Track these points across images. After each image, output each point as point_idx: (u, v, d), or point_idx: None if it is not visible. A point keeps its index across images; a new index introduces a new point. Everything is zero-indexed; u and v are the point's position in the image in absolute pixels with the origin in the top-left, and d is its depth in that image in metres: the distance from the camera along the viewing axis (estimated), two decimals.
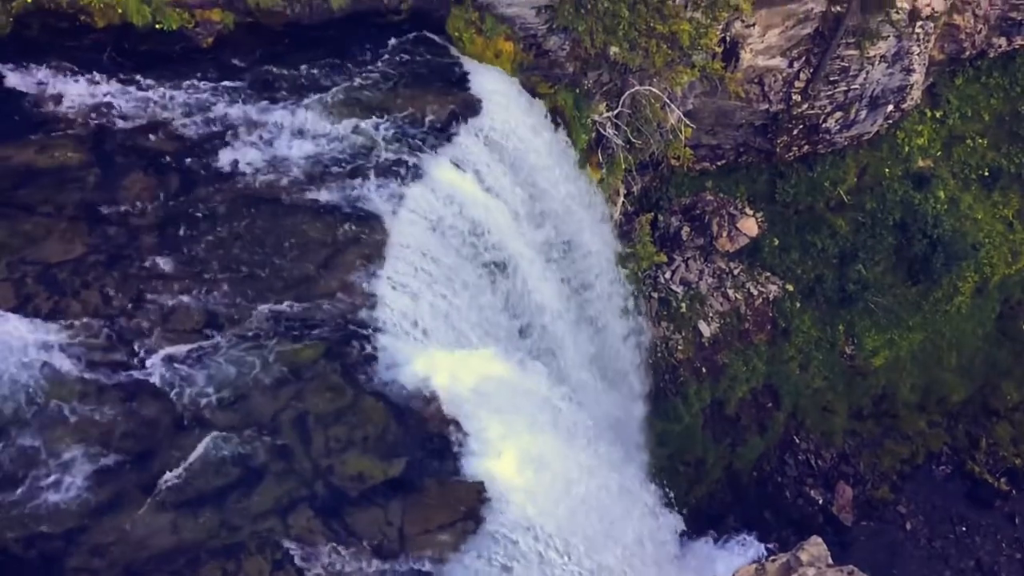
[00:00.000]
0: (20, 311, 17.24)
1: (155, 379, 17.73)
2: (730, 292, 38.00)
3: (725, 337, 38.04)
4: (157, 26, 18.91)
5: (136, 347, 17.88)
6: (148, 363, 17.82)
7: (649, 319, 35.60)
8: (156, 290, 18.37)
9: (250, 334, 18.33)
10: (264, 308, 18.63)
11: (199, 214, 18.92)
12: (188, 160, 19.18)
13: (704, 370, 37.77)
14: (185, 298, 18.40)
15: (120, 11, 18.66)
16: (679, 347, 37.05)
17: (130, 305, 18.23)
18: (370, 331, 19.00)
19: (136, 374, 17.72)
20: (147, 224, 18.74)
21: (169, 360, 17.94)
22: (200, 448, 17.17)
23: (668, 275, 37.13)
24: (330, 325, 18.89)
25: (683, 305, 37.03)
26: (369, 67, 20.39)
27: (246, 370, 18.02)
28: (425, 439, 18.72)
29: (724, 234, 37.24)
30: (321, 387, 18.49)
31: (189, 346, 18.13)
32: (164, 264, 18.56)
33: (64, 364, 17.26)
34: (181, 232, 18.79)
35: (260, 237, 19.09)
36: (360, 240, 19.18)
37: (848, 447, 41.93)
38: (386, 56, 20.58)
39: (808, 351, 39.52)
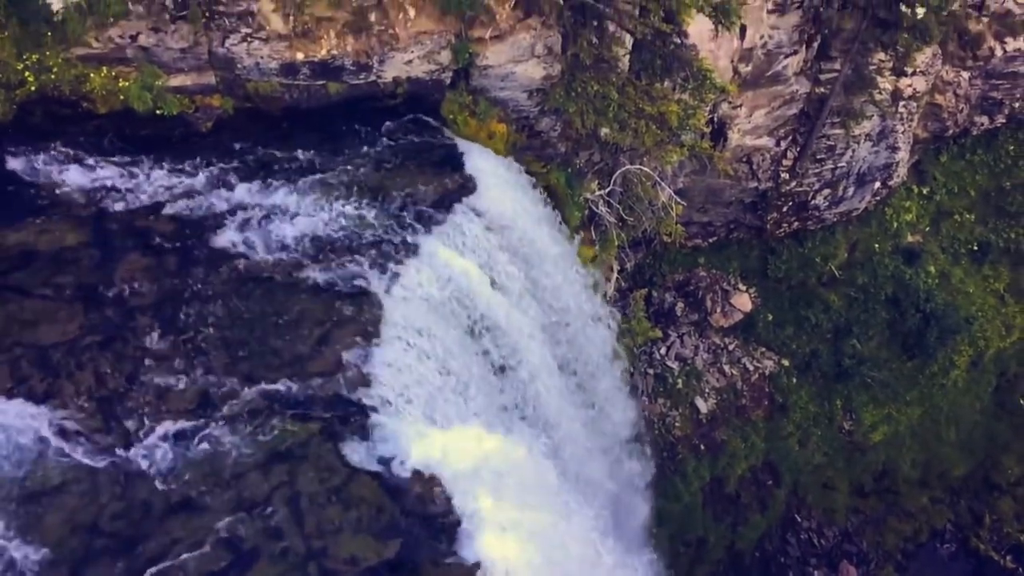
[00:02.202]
0: (14, 394, 17.15)
1: (147, 460, 17.54)
2: (726, 368, 37.97)
3: (723, 413, 37.85)
4: (158, 111, 19.29)
5: (129, 428, 17.74)
6: (141, 444, 17.66)
7: (646, 396, 35.47)
8: (150, 370, 18.32)
9: (244, 413, 18.23)
10: (258, 387, 18.56)
11: (195, 294, 19.01)
12: (186, 241, 19.36)
13: (703, 447, 37.46)
14: (179, 378, 18.34)
15: (122, 97, 19.09)
16: (677, 424, 36.83)
17: (124, 386, 18.16)
18: (364, 409, 18.91)
19: (128, 455, 17.54)
20: (143, 304, 18.80)
21: (162, 441, 17.78)
22: (192, 532, 16.88)
23: (663, 351, 37.17)
24: (324, 403, 18.80)
25: (679, 381, 36.96)
26: (365, 149, 20.80)
27: (239, 450, 17.85)
28: (420, 519, 18.46)
29: (718, 310, 37.43)
30: (314, 466, 18.30)
31: (182, 426, 17.99)
32: (159, 344, 18.55)
33: (56, 446, 17.09)
34: (177, 312, 18.83)
35: (255, 316, 19.14)
36: (355, 318, 19.24)
37: (851, 525, 41.33)
38: (382, 138, 21.02)
39: (807, 427, 39.31)
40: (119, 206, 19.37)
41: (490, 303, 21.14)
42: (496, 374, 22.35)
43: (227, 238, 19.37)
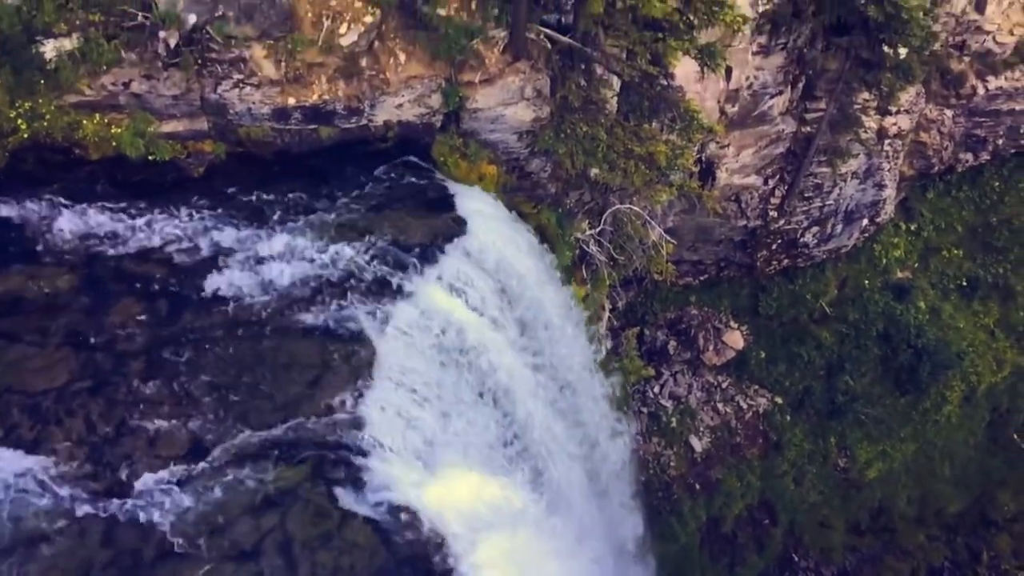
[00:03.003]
0: (3, 442, 17.00)
1: (138, 508, 17.39)
2: (720, 406, 37.91)
3: (717, 452, 37.71)
4: (150, 157, 19.36)
5: (119, 475, 17.59)
6: (131, 491, 17.52)
7: (640, 435, 35.33)
8: (141, 416, 18.22)
9: (235, 458, 18.10)
10: (249, 431, 18.46)
11: (187, 338, 18.96)
12: (178, 285, 19.35)
13: (698, 487, 37.25)
14: (170, 423, 18.24)
15: (114, 144, 19.17)
16: (671, 463, 36.65)
17: (114, 432, 18.05)
18: (356, 453, 18.79)
19: (119, 503, 17.38)
20: (134, 349, 18.74)
21: (153, 488, 17.63)
22: None
23: (657, 389, 37.11)
24: (316, 447, 18.69)
25: (673, 420, 36.86)
26: (357, 192, 20.92)
27: (230, 495, 17.70)
28: (414, 563, 18.24)
29: (710, 347, 37.47)
30: (306, 511, 18.14)
31: (173, 472, 17.85)
32: (150, 389, 18.47)
33: (45, 494, 16.91)
34: (168, 357, 18.77)
35: (247, 360, 19.09)
36: (347, 360, 19.20)
37: (848, 564, 41.00)
38: (373, 181, 21.15)
39: (801, 465, 39.15)
40: (111, 251, 19.38)
41: (483, 343, 21.12)
42: (491, 415, 22.26)
43: (219, 282, 19.36)
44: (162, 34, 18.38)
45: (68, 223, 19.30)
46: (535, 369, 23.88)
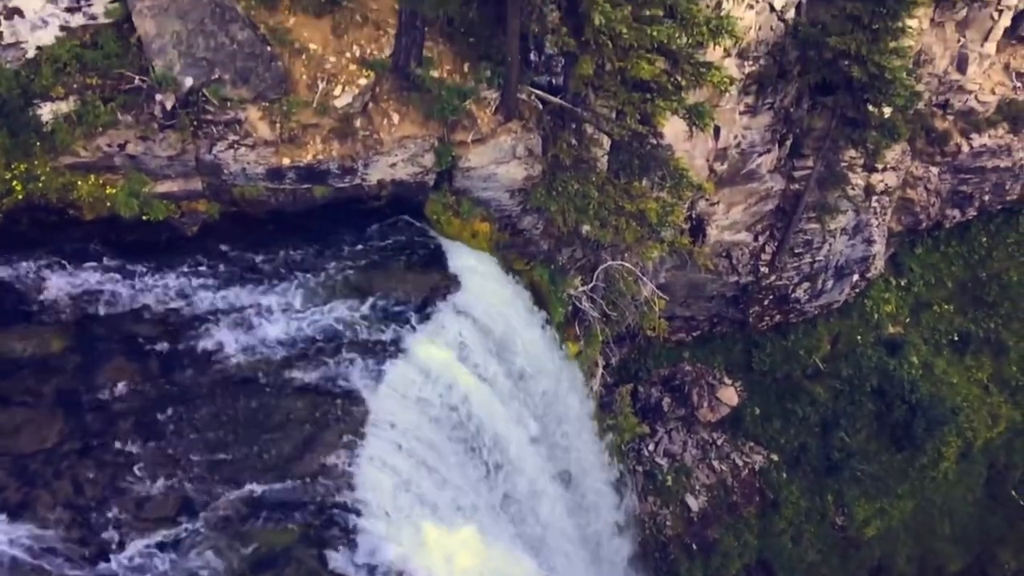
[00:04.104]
0: None
1: (125, 573, 17.03)
2: (715, 463, 37.63)
3: (714, 511, 37.31)
4: (144, 217, 19.46)
5: (107, 539, 17.33)
6: (118, 556, 17.22)
7: (635, 494, 34.96)
8: (131, 477, 18.00)
9: (225, 520, 17.85)
10: (240, 492, 18.25)
11: (179, 397, 18.84)
12: (170, 344, 19.29)
13: (695, 547, 36.77)
14: (160, 484, 18.02)
15: (109, 204, 19.29)
16: (668, 523, 36.22)
17: (102, 495, 17.81)
18: (348, 513, 18.55)
19: (105, 568, 17.04)
20: (125, 410, 18.61)
21: (140, 552, 17.34)
22: None
23: (652, 447, 36.86)
24: (308, 508, 18.46)
25: (669, 478, 36.53)
26: (350, 250, 21.01)
27: (220, 559, 17.41)
28: None
29: (705, 404, 37.34)
30: (297, 575, 17.81)
31: (162, 535, 17.60)
32: (140, 450, 18.29)
33: (31, 559, 16.60)
34: (159, 417, 18.63)
35: (239, 419, 18.96)
36: (340, 419, 19.09)
37: None
38: (367, 239, 21.26)
39: (799, 523, 38.73)
40: (104, 311, 19.35)
41: (477, 401, 21.03)
42: (486, 474, 22.05)
43: (212, 340, 19.32)
44: (159, 96, 18.64)
45: (61, 283, 19.30)
46: (529, 428, 23.72)
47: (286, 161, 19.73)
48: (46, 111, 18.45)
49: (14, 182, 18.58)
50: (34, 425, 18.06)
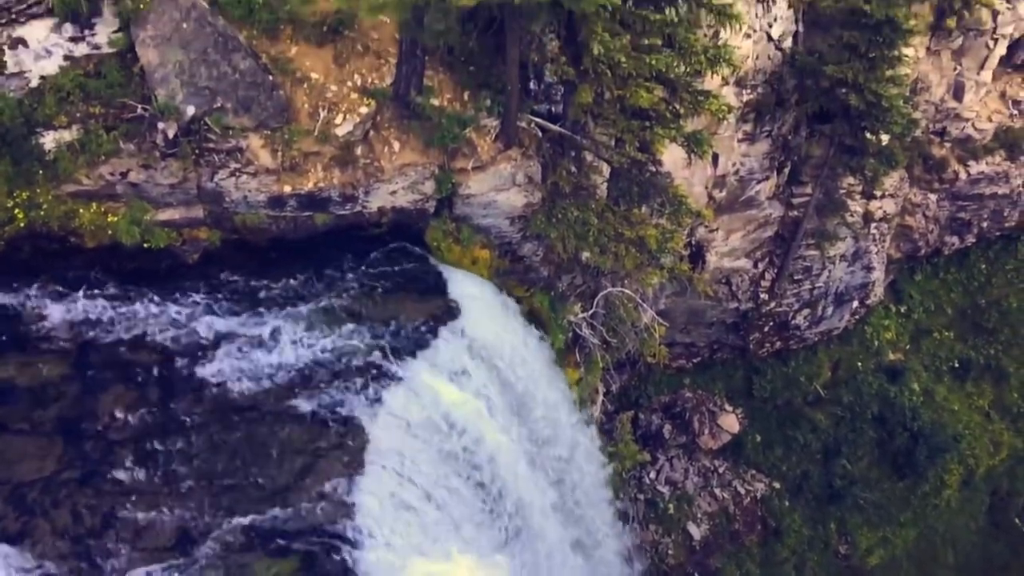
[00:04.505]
0: None
1: None
2: (717, 491, 37.42)
3: (716, 539, 37.04)
4: (145, 245, 19.53)
5: (106, 568, 17.18)
6: None
7: (637, 522, 34.74)
8: (129, 506, 17.93)
9: (224, 549, 17.74)
10: (239, 521, 18.16)
11: (178, 425, 18.79)
12: (169, 372, 19.26)
13: None
14: (158, 513, 17.93)
15: (110, 232, 19.35)
16: (670, 551, 35.95)
17: (100, 524, 17.73)
18: (347, 542, 18.42)
19: None
20: (124, 438, 18.56)
21: None
22: None
23: (653, 475, 36.67)
24: (307, 537, 18.35)
25: (670, 506, 36.30)
26: (351, 277, 21.04)
27: None
28: None
29: (706, 431, 37.21)
30: None
31: (161, 565, 17.47)
32: (139, 478, 18.22)
33: None
34: (158, 445, 18.57)
35: (238, 447, 18.89)
36: (339, 447, 19.04)
37: None
38: (367, 266, 21.30)
39: (802, 551, 38.44)
40: (104, 339, 19.34)
41: (476, 428, 20.96)
42: (485, 502, 21.93)
43: (211, 368, 19.29)
44: (161, 125, 18.77)
45: (62, 311, 19.32)
46: (530, 454, 23.63)
47: (287, 189, 19.83)
48: (49, 140, 18.57)
49: (16, 210, 18.66)
50: (33, 453, 18.00)
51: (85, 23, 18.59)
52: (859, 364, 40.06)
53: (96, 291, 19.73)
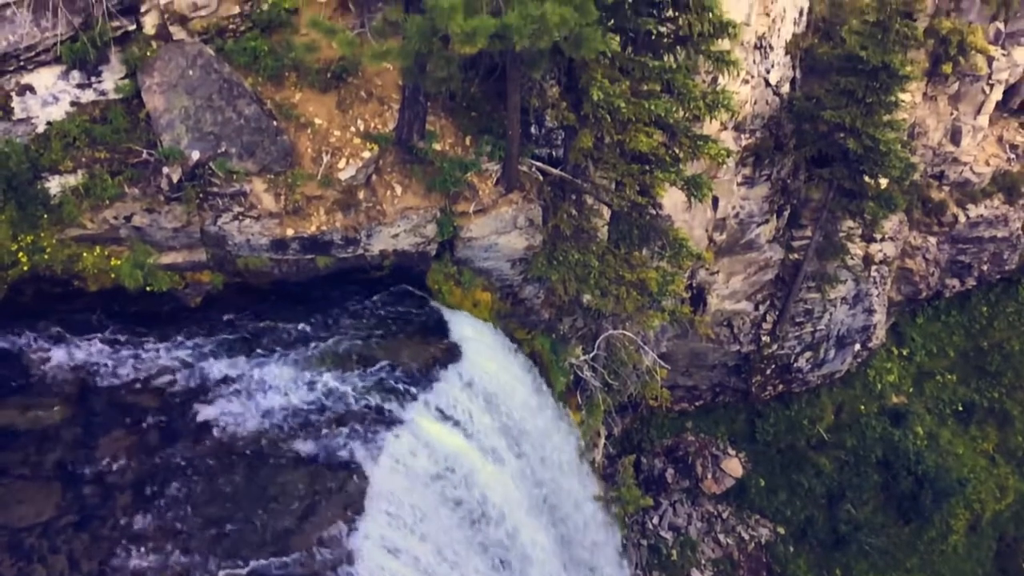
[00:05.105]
0: None
1: None
2: (721, 537, 37.02)
3: None
4: (148, 288, 19.57)
5: None
6: None
7: (640, 569, 34.32)
8: (126, 553, 17.71)
9: None
10: (238, 567, 17.91)
11: (178, 469, 18.68)
12: (170, 416, 19.22)
13: None
14: (155, 560, 17.71)
15: (113, 276, 19.43)
16: None
17: (98, 570, 17.49)
18: None
19: None
20: (124, 482, 18.43)
21: None
22: None
23: (656, 520, 36.31)
24: None
25: (674, 552, 35.90)
26: (352, 320, 21.08)
27: None
28: None
29: (709, 475, 36.94)
30: None
31: None
32: (138, 524, 18.04)
33: None
34: (158, 489, 18.44)
35: (238, 492, 18.75)
36: (340, 491, 18.87)
37: None
38: (368, 309, 21.35)
39: None
40: (105, 382, 19.33)
41: (477, 472, 20.82)
42: (487, 549, 21.70)
43: (212, 411, 19.25)
44: (166, 170, 18.96)
45: (63, 354, 19.34)
46: (532, 498, 23.43)
47: (290, 232, 19.95)
48: (54, 184, 18.74)
49: (20, 254, 18.76)
50: (31, 498, 17.87)
51: (92, 70, 18.86)
52: (862, 407, 39.89)
53: (98, 335, 19.77)
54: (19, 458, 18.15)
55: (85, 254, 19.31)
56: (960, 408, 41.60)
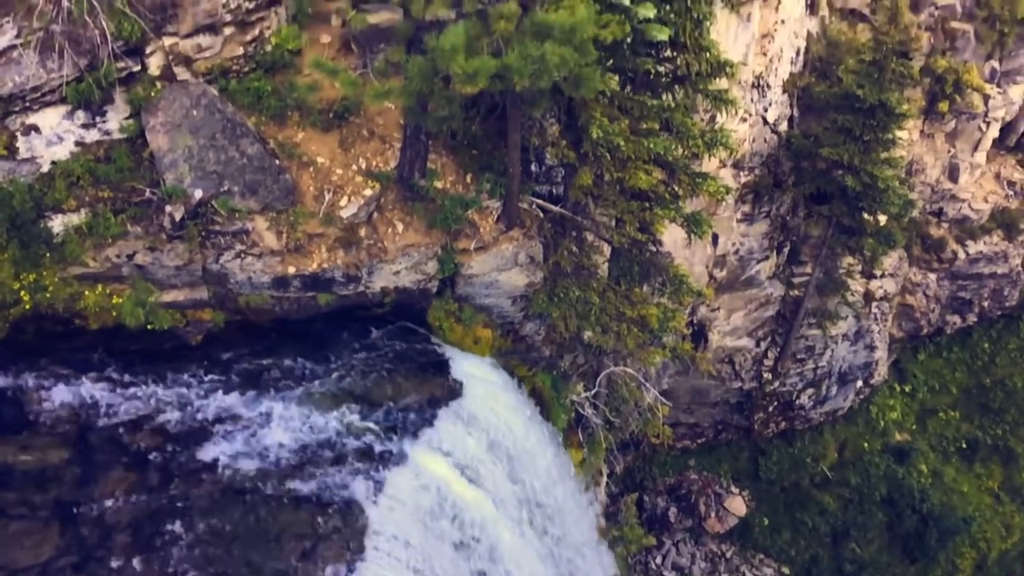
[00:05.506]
0: None
1: None
2: None
3: None
4: (149, 326, 19.59)
5: None
6: None
7: None
8: None
9: None
10: None
11: (177, 509, 18.56)
12: (170, 454, 19.13)
13: None
14: None
15: (114, 314, 19.44)
16: None
17: None
18: None
19: None
20: (122, 522, 18.31)
21: None
22: None
23: (659, 560, 35.93)
24: None
25: None
26: (353, 357, 21.05)
27: None
28: None
29: (712, 514, 36.62)
30: None
31: None
32: (136, 564, 17.91)
33: None
34: (156, 530, 18.31)
35: (237, 532, 18.60)
36: (339, 530, 18.74)
37: None
38: (369, 346, 21.34)
39: None
40: (104, 421, 19.27)
41: (478, 510, 20.66)
42: None
43: (212, 450, 19.16)
44: (168, 208, 19.06)
45: (63, 393, 19.30)
46: (534, 537, 23.22)
47: (291, 270, 20.01)
48: (57, 223, 18.83)
49: (22, 292, 18.79)
50: (30, 538, 17.75)
51: (97, 110, 19.04)
52: (865, 445, 39.66)
53: (98, 374, 19.74)
54: (17, 498, 18.03)
55: (87, 292, 19.34)
56: (964, 445, 41.36)
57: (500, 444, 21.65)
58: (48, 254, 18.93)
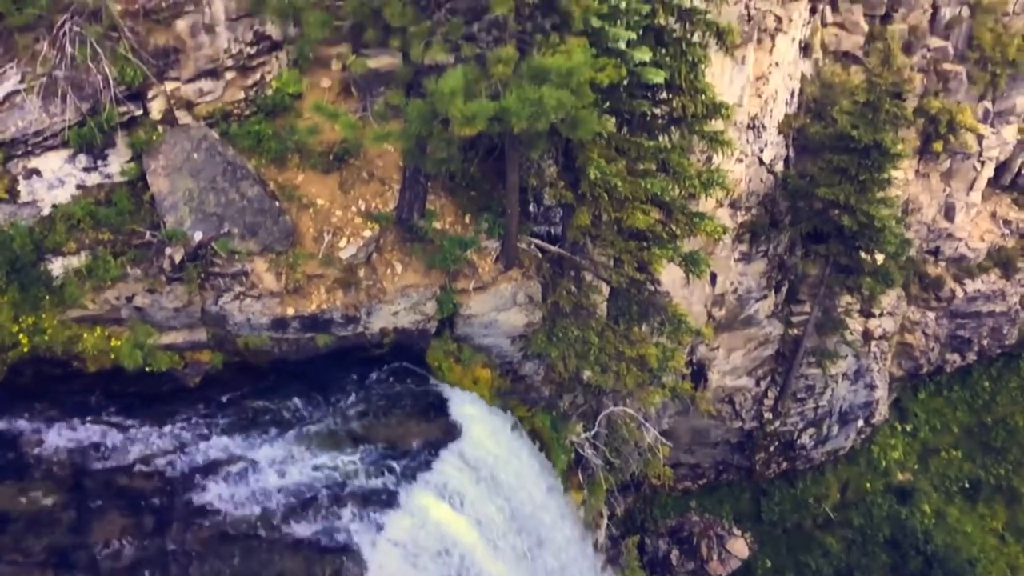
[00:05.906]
0: None
1: None
2: None
3: None
4: (147, 369, 19.55)
5: None
6: None
7: None
8: None
9: None
10: None
11: (173, 554, 18.33)
12: (166, 498, 18.95)
13: None
14: None
15: (113, 356, 19.41)
16: None
17: None
18: None
19: None
20: (118, 568, 18.07)
21: None
22: None
23: None
24: None
25: None
26: (351, 399, 20.96)
27: None
28: None
29: (714, 557, 36.20)
30: None
31: None
32: None
33: None
34: (153, 575, 18.07)
35: None
36: (338, 573, 18.49)
37: None
38: (368, 387, 21.25)
39: None
40: (101, 464, 19.12)
41: (477, 554, 20.43)
42: None
43: (209, 494, 18.99)
44: (168, 250, 19.12)
45: (59, 437, 19.18)
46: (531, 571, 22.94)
47: (290, 311, 20.02)
48: (57, 266, 18.88)
49: (20, 335, 18.77)
50: None
51: (99, 154, 19.19)
52: (867, 485, 39.36)
53: (95, 417, 19.64)
54: (12, 543, 17.81)
55: (85, 335, 19.32)
56: (966, 485, 41.05)
57: (499, 485, 21.47)
58: (47, 297, 18.95)
